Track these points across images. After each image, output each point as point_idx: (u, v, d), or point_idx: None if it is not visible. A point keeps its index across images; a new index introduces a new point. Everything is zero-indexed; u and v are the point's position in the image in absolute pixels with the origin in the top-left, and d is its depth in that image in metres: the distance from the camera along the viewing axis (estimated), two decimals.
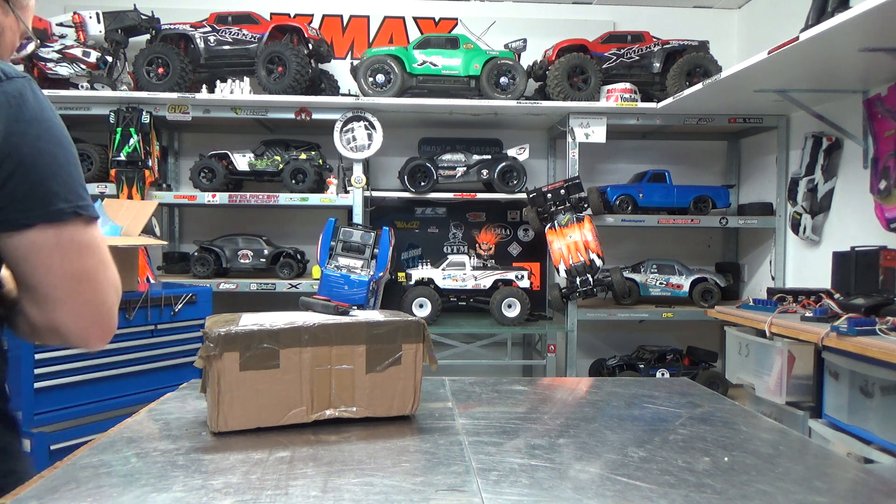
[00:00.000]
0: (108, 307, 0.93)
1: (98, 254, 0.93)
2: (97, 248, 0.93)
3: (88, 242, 0.92)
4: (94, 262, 0.92)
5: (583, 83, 3.43)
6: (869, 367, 2.02)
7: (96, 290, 0.92)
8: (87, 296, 0.92)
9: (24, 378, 2.09)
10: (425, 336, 1.09)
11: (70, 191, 0.90)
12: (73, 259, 0.90)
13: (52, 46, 3.26)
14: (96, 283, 0.92)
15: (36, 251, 0.88)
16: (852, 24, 1.98)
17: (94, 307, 0.92)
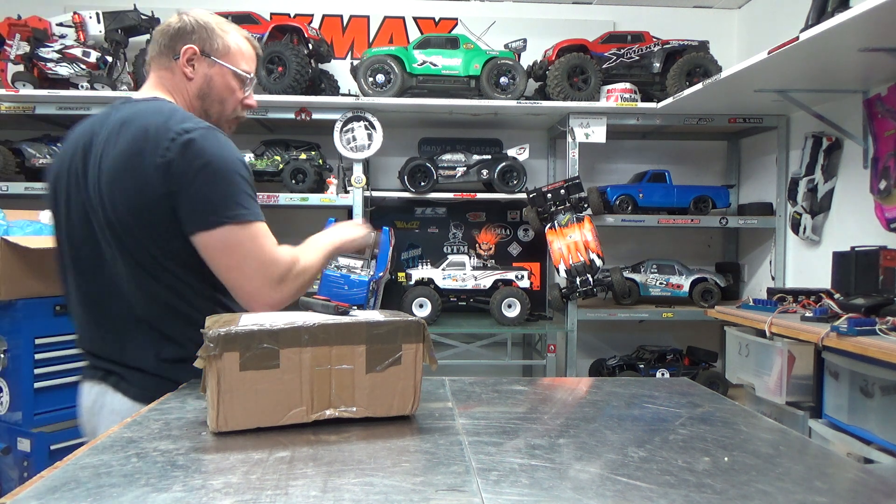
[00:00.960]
0: (252, 289, 1.31)
1: (240, 251, 1.30)
2: (239, 245, 1.30)
3: (233, 243, 1.30)
4: (238, 258, 1.30)
5: (583, 83, 3.43)
6: (869, 367, 2.02)
7: (241, 278, 1.31)
8: (233, 283, 1.32)
9: (24, 378, 2.09)
10: (425, 336, 1.09)
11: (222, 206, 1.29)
12: (220, 256, 1.31)
13: (52, 46, 3.26)
14: (239, 273, 1.30)
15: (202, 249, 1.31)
16: (852, 24, 1.98)
17: (243, 290, 1.31)
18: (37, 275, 2.11)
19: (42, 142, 3.44)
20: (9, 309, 2.09)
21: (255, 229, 1.32)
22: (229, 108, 1.52)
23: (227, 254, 1.30)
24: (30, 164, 3.42)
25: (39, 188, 3.30)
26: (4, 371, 2.13)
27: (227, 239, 1.29)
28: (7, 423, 2.14)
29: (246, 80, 1.53)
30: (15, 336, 2.10)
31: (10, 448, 2.13)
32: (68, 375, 2.19)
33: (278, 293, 1.33)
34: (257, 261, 1.31)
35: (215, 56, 1.47)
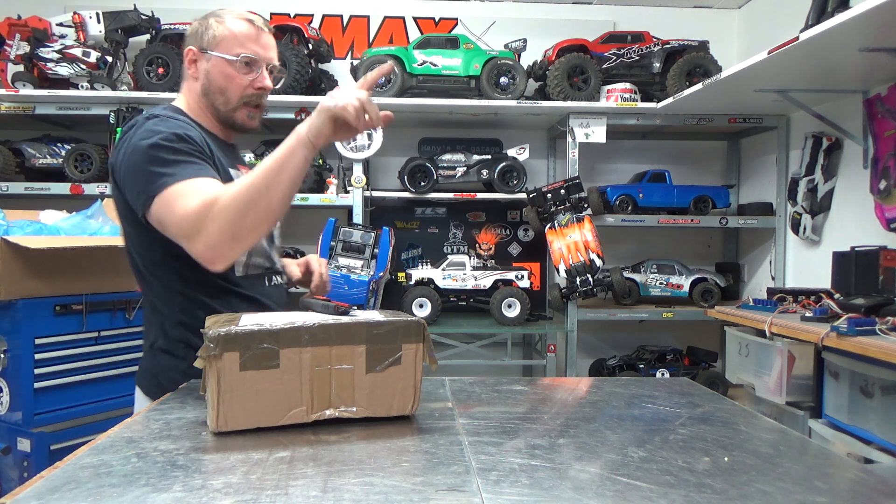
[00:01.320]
0: (190, 250, 1.24)
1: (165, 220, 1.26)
2: (162, 216, 1.26)
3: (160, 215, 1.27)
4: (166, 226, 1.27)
5: (583, 83, 3.43)
6: (869, 367, 2.02)
7: (182, 243, 1.25)
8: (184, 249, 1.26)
9: (24, 378, 2.09)
10: (425, 336, 1.09)
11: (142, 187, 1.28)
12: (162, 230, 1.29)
13: (52, 46, 3.26)
14: (177, 239, 1.26)
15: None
16: (852, 24, 1.98)
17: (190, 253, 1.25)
18: (37, 275, 2.11)
19: (42, 142, 3.44)
20: (9, 309, 2.08)
21: (167, 195, 1.25)
22: (233, 96, 1.47)
23: (162, 226, 1.29)
24: (30, 164, 3.42)
25: (39, 188, 3.30)
26: (4, 371, 2.13)
27: (156, 213, 1.28)
28: (7, 423, 2.14)
29: (240, 64, 1.45)
30: (15, 336, 2.10)
31: (10, 448, 2.13)
32: (68, 375, 2.19)
33: (201, 243, 1.22)
34: (174, 224, 1.25)
35: (209, 49, 1.47)
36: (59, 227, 2.21)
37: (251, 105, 1.50)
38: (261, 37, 1.49)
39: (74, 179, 3.31)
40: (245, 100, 1.49)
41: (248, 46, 1.46)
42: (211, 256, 1.23)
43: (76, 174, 3.32)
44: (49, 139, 3.46)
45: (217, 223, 1.20)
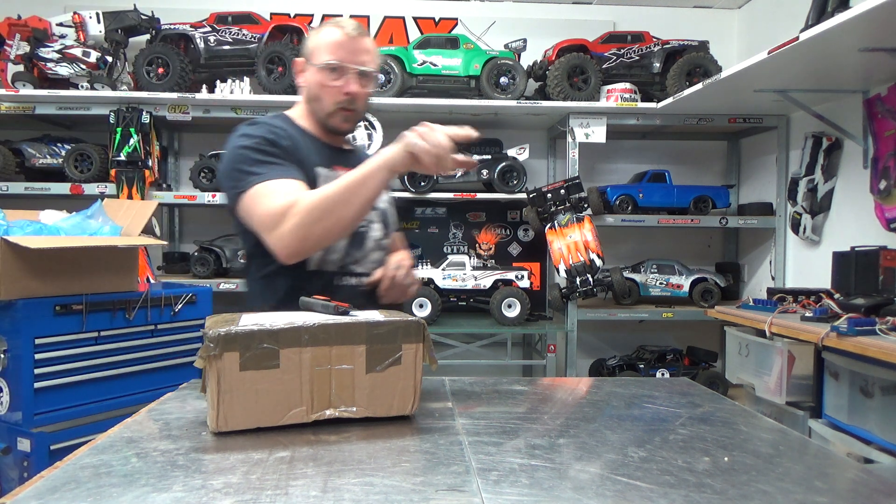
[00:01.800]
0: (268, 243, 1.37)
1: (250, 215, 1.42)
2: (248, 210, 1.42)
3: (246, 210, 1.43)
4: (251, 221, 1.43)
5: (583, 83, 3.43)
6: (869, 367, 2.02)
7: (262, 237, 1.39)
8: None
9: (24, 378, 2.09)
10: (425, 336, 1.09)
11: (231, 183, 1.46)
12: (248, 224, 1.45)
13: (52, 46, 3.26)
14: (259, 233, 1.40)
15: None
16: (852, 24, 1.98)
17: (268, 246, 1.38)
18: (37, 275, 2.11)
19: (42, 142, 3.44)
20: (9, 309, 2.08)
21: (254, 192, 1.41)
22: (326, 102, 1.55)
23: (249, 219, 1.44)
24: (30, 164, 3.42)
25: (39, 188, 3.30)
26: (4, 371, 2.13)
27: (244, 208, 1.43)
28: (7, 423, 2.14)
29: (327, 70, 1.52)
30: (15, 336, 2.09)
31: (10, 448, 2.13)
32: (68, 375, 2.19)
33: (275, 237, 1.36)
34: (257, 218, 1.40)
35: (308, 59, 1.58)
36: (59, 227, 2.21)
37: (346, 109, 1.55)
38: (351, 43, 1.53)
39: (74, 179, 3.31)
40: (338, 105, 1.55)
41: (335, 53, 1.52)
42: (281, 251, 1.36)
43: (76, 174, 3.32)
44: (49, 139, 3.46)
45: (292, 223, 1.33)
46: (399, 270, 1.56)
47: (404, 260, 1.60)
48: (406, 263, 1.59)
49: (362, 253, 1.60)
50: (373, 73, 1.57)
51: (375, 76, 1.59)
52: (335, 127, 1.58)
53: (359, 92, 1.54)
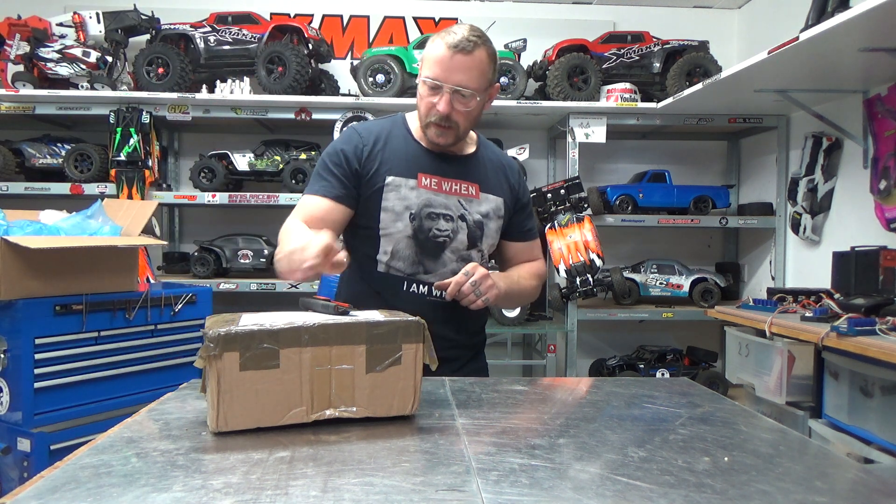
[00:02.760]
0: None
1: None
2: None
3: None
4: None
5: (583, 83, 3.43)
6: (869, 367, 2.02)
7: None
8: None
9: (24, 378, 2.09)
10: (425, 336, 1.09)
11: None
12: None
13: (52, 46, 3.26)
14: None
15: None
16: (852, 24, 1.98)
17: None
18: (37, 275, 2.11)
19: (42, 142, 3.44)
20: (9, 309, 2.08)
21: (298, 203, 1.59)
22: (422, 114, 1.58)
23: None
24: (30, 164, 3.42)
25: (39, 188, 3.30)
26: (4, 371, 2.13)
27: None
28: (7, 423, 2.14)
29: (426, 87, 1.54)
30: (15, 336, 2.09)
31: (10, 448, 2.13)
32: (68, 375, 2.19)
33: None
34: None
35: (420, 69, 1.60)
36: (59, 227, 2.21)
37: (438, 125, 1.56)
38: (451, 59, 1.50)
39: (74, 179, 3.31)
40: (430, 119, 1.56)
41: (432, 69, 1.52)
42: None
43: (76, 174, 3.32)
44: (49, 139, 3.46)
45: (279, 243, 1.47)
46: (467, 277, 1.50)
47: (475, 269, 1.52)
48: (477, 272, 1.51)
49: (436, 263, 1.61)
50: (470, 93, 1.53)
51: (474, 95, 1.54)
52: (430, 139, 1.59)
53: (449, 111, 1.53)
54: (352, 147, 1.59)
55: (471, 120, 1.60)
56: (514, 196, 1.73)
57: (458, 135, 1.59)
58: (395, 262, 1.59)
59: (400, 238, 1.58)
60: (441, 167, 1.62)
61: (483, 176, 1.67)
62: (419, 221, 1.58)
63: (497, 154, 1.78)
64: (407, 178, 1.58)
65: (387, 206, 1.57)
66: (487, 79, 1.57)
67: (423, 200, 1.59)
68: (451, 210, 1.61)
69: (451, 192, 1.62)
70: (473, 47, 1.51)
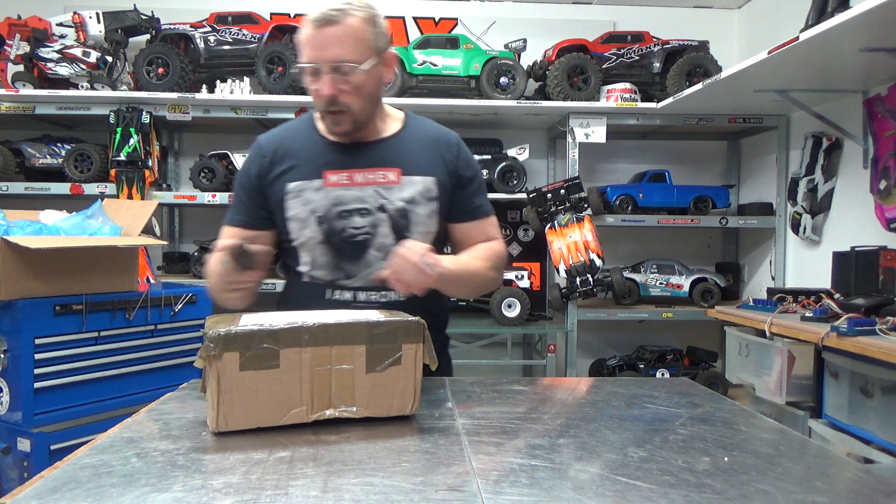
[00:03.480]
0: None
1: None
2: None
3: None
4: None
5: (583, 83, 3.43)
6: (869, 367, 2.02)
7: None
8: None
9: (24, 378, 2.09)
10: (425, 336, 1.09)
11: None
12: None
13: (52, 46, 3.26)
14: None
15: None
16: (852, 24, 1.98)
17: None
18: (37, 275, 2.11)
19: (42, 142, 3.44)
20: (9, 309, 2.08)
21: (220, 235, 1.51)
22: (317, 107, 1.45)
23: None
24: (30, 164, 3.42)
25: (39, 188, 3.30)
26: (4, 371, 2.12)
27: None
28: (7, 423, 2.14)
29: (305, 75, 1.40)
30: (15, 336, 2.09)
31: (10, 448, 2.13)
32: (68, 375, 2.19)
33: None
34: None
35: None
36: (59, 227, 2.20)
37: (330, 112, 1.41)
38: (319, 35, 1.34)
39: (74, 179, 3.31)
40: (321, 108, 1.42)
41: (304, 52, 1.37)
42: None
43: (76, 174, 3.32)
44: (49, 139, 3.46)
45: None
46: (400, 259, 1.28)
47: (411, 249, 1.29)
48: (411, 253, 1.29)
49: (358, 266, 1.47)
50: (350, 66, 1.35)
51: (354, 67, 1.35)
52: (331, 132, 1.46)
53: (334, 92, 1.36)
54: (255, 165, 1.50)
55: (364, 97, 1.40)
56: (450, 171, 1.53)
57: (357, 118, 1.42)
58: (315, 272, 1.49)
59: (313, 245, 1.47)
60: (352, 159, 1.47)
61: (407, 157, 1.50)
62: (328, 224, 1.45)
63: (430, 130, 1.59)
64: (311, 180, 1.46)
65: (291, 215, 1.46)
66: (369, 46, 1.37)
67: (330, 200, 1.45)
68: (367, 203, 1.45)
69: (365, 182, 1.46)
70: (342, 16, 1.33)
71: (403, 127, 1.56)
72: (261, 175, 1.49)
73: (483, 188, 1.62)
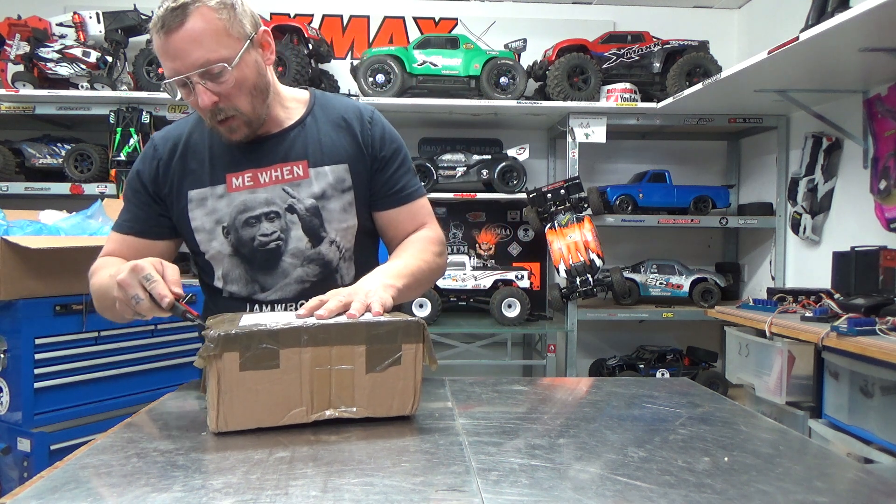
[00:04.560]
0: None
1: None
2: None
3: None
4: None
5: (583, 83, 3.43)
6: (869, 367, 2.02)
7: None
8: None
9: (24, 378, 2.09)
10: (425, 336, 1.09)
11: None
12: None
13: (52, 46, 3.26)
14: None
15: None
16: (852, 24, 1.98)
17: None
18: (37, 275, 2.11)
19: (42, 142, 3.44)
20: (9, 309, 2.08)
21: (106, 241, 1.40)
22: (203, 118, 1.30)
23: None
24: (30, 164, 3.42)
25: (39, 188, 3.30)
26: (4, 371, 2.12)
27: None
28: (7, 423, 2.14)
29: (175, 89, 1.24)
30: (15, 336, 2.09)
31: (10, 448, 2.13)
32: (68, 375, 2.19)
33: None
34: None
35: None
36: (59, 227, 2.21)
37: (219, 122, 1.25)
38: (171, 43, 1.16)
39: (74, 179, 3.31)
40: (210, 119, 1.26)
41: (164, 65, 1.19)
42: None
43: (76, 174, 3.32)
44: (49, 139, 3.46)
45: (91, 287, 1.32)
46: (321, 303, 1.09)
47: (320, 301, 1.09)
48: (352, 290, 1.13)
49: (274, 277, 1.35)
50: (220, 66, 1.17)
51: (225, 67, 1.17)
52: (227, 141, 1.30)
53: (215, 100, 1.20)
54: (148, 166, 1.34)
55: (248, 92, 1.23)
56: (363, 154, 1.37)
57: (249, 118, 1.26)
58: (230, 287, 1.37)
59: (222, 258, 1.35)
60: (255, 157, 1.33)
61: (314, 145, 1.35)
62: (235, 234, 1.32)
63: (338, 108, 1.40)
64: (213, 186, 1.32)
65: (196, 227, 1.33)
66: (231, 35, 1.19)
67: (235, 207, 1.32)
68: (275, 205, 1.32)
69: (272, 182, 1.32)
70: (187, 12, 1.14)
71: (309, 110, 1.39)
72: (155, 178, 1.34)
73: (407, 166, 1.44)
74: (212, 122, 1.26)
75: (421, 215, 1.44)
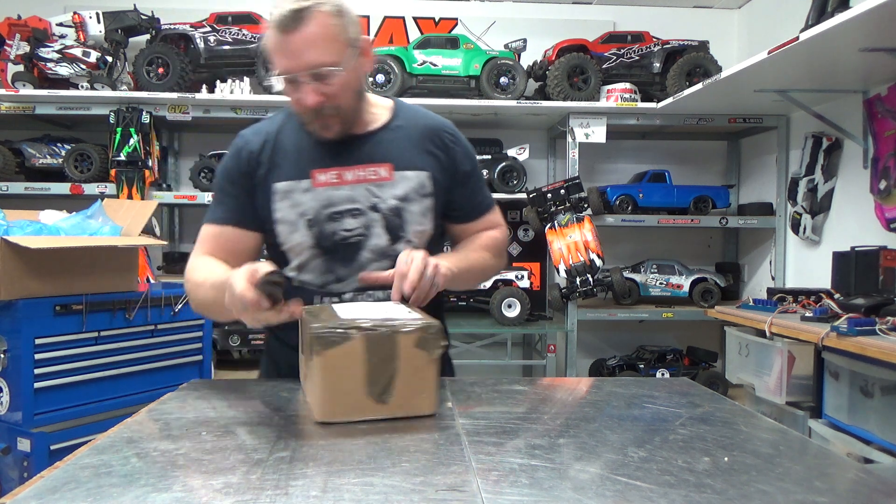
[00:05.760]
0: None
1: None
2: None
3: None
4: None
5: (583, 83, 3.43)
6: (869, 367, 2.02)
7: None
8: None
9: (24, 378, 2.09)
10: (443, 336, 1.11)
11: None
12: None
13: (52, 46, 3.26)
14: None
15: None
16: (852, 24, 1.98)
17: None
18: (37, 275, 2.11)
19: (42, 142, 3.44)
20: (9, 309, 2.08)
21: (199, 236, 1.43)
22: (300, 114, 1.37)
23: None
24: (30, 164, 3.42)
25: (39, 188, 3.30)
26: (4, 371, 2.12)
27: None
28: (7, 423, 2.14)
29: (283, 85, 1.31)
30: (15, 336, 2.09)
31: (10, 448, 2.13)
32: (68, 375, 2.19)
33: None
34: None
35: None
36: (59, 227, 2.21)
37: (317, 118, 1.32)
38: (288, 42, 1.23)
39: (74, 179, 3.31)
40: (307, 118, 1.34)
41: (277, 62, 1.27)
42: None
43: (76, 174, 3.32)
44: (49, 139, 3.46)
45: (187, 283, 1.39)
46: (407, 266, 1.25)
47: (410, 255, 1.28)
48: (416, 260, 1.26)
49: (351, 269, 1.39)
50: (329, 69, 1.25)
51: (335, 70, 1.26)
52: (320, 137, 1.37)
53: (321, 100, 1.28)
54: (240, 158, 1.41)
55: (350, 94, 1.32)
56: (444, 166, 1.44)
57: (346, 118, 1.35)
58: (304, 276, 1.41)
59: (302, 249, 1.38)
60: (341, 155, 1.39)
61: (399, 150, 1.41)
62: (319, 227, 1.37)
63: (422, 119, 1.48)
64: (299, 180, 1.37)
65: (279, 218, 1.38)
66: (343, 41, 1.27)
67: (320, 202, 1.37)
68: (358, 203, 1.38)
69: (356, 180, 1.38)
70: (307, 15, 1.22)
71: (393, 116, 1.46)
72: (249, 171, 1.40)
73: (482, 180, 1.57)
74: (310, 119, 1.33)
75: (492, 224, 1.58)
